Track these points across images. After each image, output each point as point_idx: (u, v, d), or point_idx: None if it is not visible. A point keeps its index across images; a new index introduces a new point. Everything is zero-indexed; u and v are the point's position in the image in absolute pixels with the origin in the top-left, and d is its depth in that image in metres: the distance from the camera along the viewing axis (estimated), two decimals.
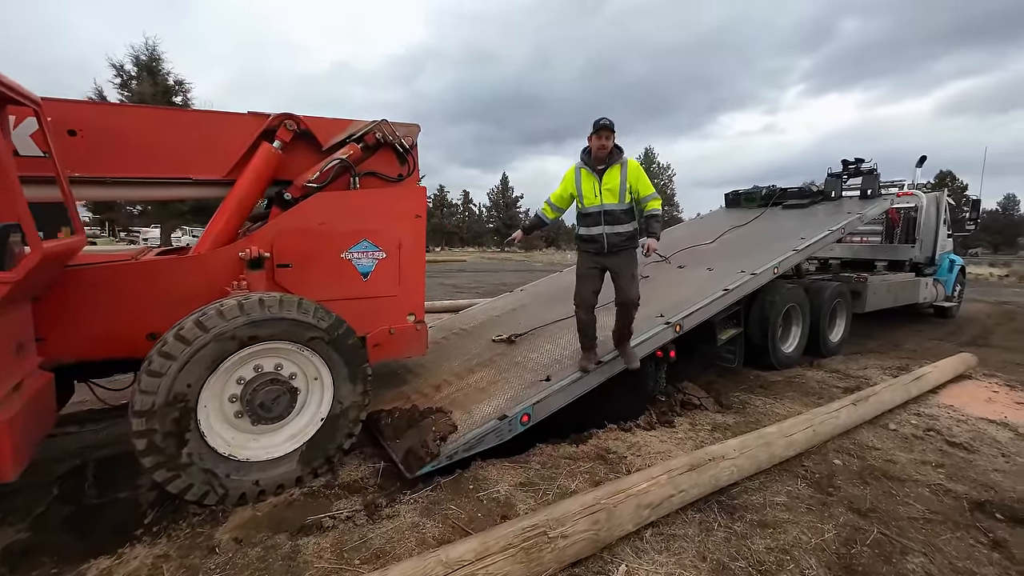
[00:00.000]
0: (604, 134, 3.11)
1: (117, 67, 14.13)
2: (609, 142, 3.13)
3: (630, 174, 3.19)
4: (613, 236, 3.24)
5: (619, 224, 3.23)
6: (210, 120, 3.02)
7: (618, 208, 3.21)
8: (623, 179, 3.17)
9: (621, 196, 3.19)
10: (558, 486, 2.68)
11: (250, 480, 2.48)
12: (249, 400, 2.50)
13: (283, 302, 2.52)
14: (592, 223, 3.29)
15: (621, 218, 3.23)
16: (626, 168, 3.19)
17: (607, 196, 3.20)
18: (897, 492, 2.69)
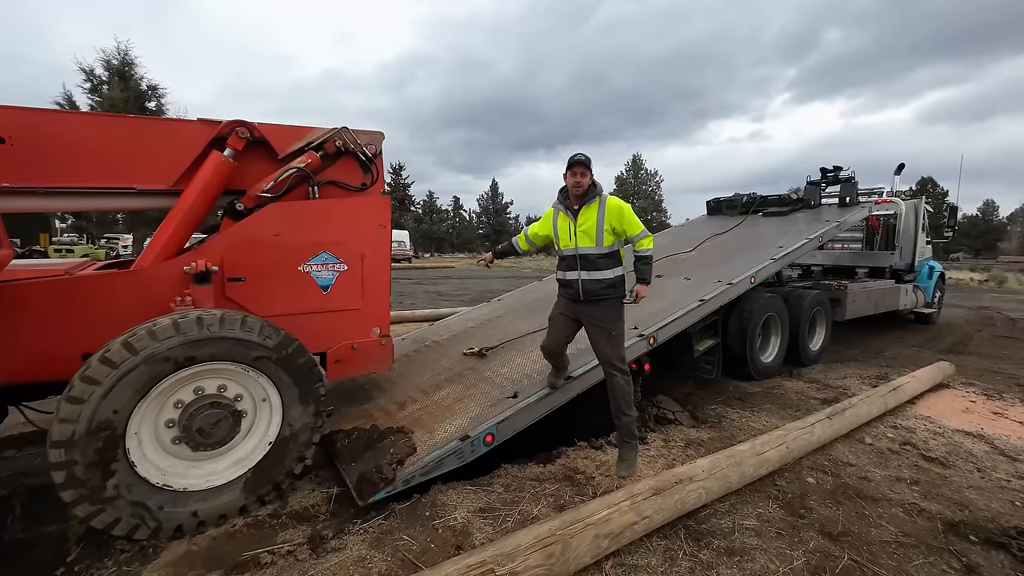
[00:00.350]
0: (579, 170, 2.78)
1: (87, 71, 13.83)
2: (585, 179, 2.79)
3: (609, 213, 2.79)
4: (590, 283, 2.85)
5: (597, 270, 2.84)
6: (154, 127, 2.88)
7: (594, 252, 2.82)
8: (600, 219, 2.79)
9: (598, 238, 2.80)
10: (520, 511, 2.55)
11: (187, 511, 2.32)
12: (186, 425, 2.34)
13: (224, 320, 2.37)
14: (567, 267, 2.96)
15: (599, 263, 2.83)
16: (604, 207, 2.80)
17: (582, 239, 2.84)
18: (870, 513, 2.60)
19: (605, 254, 2.84)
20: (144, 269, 2.72)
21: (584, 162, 2.80)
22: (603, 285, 2.85)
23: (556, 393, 3.23)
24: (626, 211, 2.84)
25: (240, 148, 2.99)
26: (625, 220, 2.83)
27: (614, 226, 2.82)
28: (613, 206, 2.81)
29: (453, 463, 2.77)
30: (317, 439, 2.74)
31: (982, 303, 13.22)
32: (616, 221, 2.81)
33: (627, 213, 2.84)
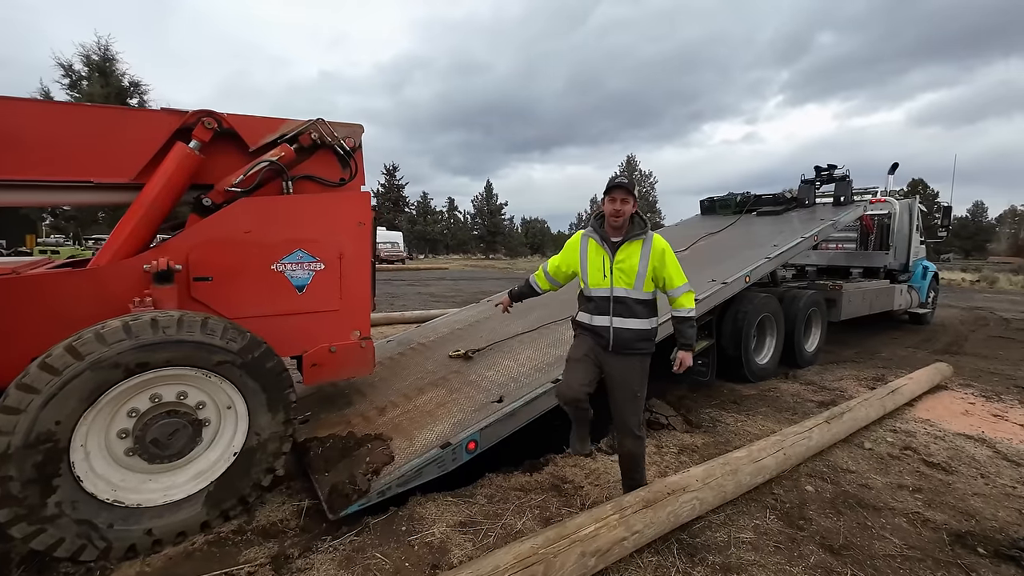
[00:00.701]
0: (619, 195, 2.32)
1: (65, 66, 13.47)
2: (626, 207, 2.32)
3: (654, 255, 2.35)
4: (624, 332, 2.37)
5: (633, 317, 2.37)
6: (114, 117, 2.69)
7: (632, 296, 2.36)
8: (644, 259, 2.35)
9: (639, 281, 2.35)
10: (503, 525, 2.39)
11: (141, 529, 2.14)
12: (140, 436, 2.17)
13: (182, 322, 2.20)
14: (596, 310, 2.43)
15: (636, 309, 2.37)
16: (650, 246, 2.36)
17: (619, 279, 2.37)
18: (872, 523, 2.47)
19: (643, 300, 2.39)
20: (100, 268, 2.54)
21: (626, 186, 2.33)
22: (638, 336, 2.37)
23: (543, 398, 3.08)
24: (669, 256, 2.38)
25: (207, 140, 2.81)
26: (669, 267, 2.37)
27: (656, 271, 2.38)
28: (659, 248, 2.37)
29: (433, 472, 2.61)
30: (287, 448, 2.57)
31: (974, 303, 13.23)
32: (659, 264, 2.37)
33: (672, 259, 2.39)
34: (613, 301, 2.39)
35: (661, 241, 2.41)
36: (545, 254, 59.76)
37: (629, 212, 2.37)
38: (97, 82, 13.30)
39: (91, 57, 13.60)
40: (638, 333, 2.39)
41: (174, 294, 2.59)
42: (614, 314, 2.39)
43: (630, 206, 2.36)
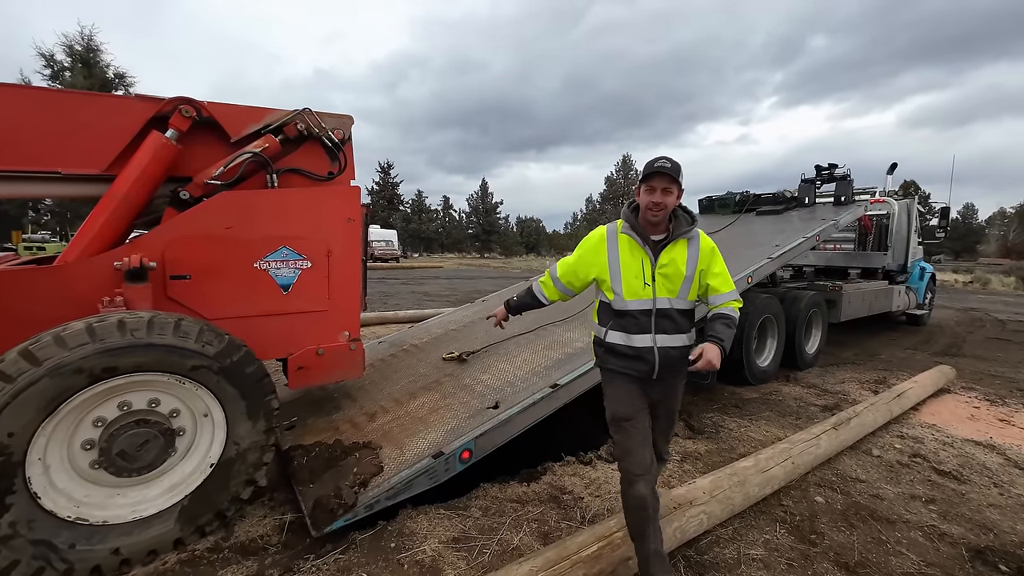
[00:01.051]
0: (662, 183, 1.85)
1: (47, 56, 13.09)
2: (669, 199, 1.87)
3: (703, 257, 1.94)
4: (671, 353, 1.93)
5: (679, 333, 1.94)
6: (83, 103, 2.51)
7: (677, 307, 1.93)
8: (692, 263, 1.92)
9: (683, 288, 1.92)
10: (499, 541, 2.25)
11: (107, 548, 1.98)
12: (105, 448, 2.00)
13: (153, 324, 2.03)
14: (635, 327, 1.93)
15: (681, 323, 1.95)
16: (697, 246, 1.95)
17: (662, 286, 1.90)
18: (887, 537, 2.35)
19: (687, 311, 1.98)
20: (67, 265, 2.36)
21: (669, 172, 1.84)
22: (683, 355, 1.93)
23: (541, 403, 2.93)
24: (718, 259, 1.98)
25: (185, 129, 2.64)
26: (714, 268, 1.95)
27: (702, 275, 1.95)
28: (707, 248, 1.97)
29: (424, 484, 2.46)
30: (269, 459, 2.41)
31: (969, 304, 13.25)
32: (707, 266, 1.95)
33: (719, 262, 1.98)
34: (656, 315, 1.90)
35: (709, 240, 2.00)
36: (540, 253, 59.67)
37: (671, 206, 1.89)
38: (80, 73, 12.94)
39: (74, 47, 13.26)
40: (683, 351, 1.95)
41: (148, 293, 2.42)
42: (657, 331, 1.91)
43: (674, 197, 1.88)
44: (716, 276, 1.96)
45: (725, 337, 1.88)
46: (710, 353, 1.79)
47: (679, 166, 1.89)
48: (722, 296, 1.95)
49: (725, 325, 1.90)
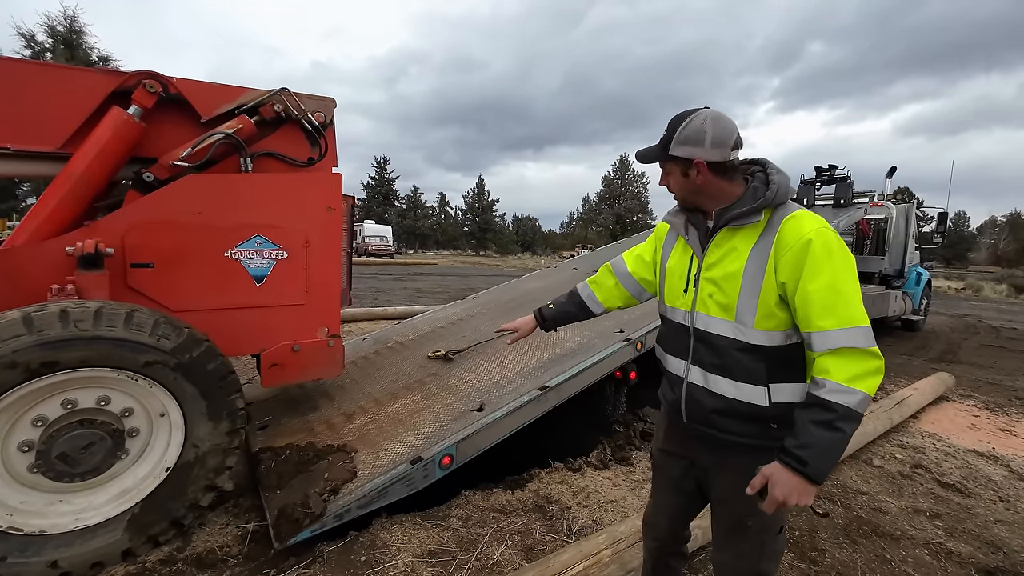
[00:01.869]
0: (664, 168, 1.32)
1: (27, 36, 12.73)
2: (670, 180, 1.32)
3: (782, 253, 1.17)
4: (704, 398, 1.30)
5: (726, 377, 1.26)
6: (33, 73, 2.31)
7: (729, 335, 1.25)
8: (756, 263, 1.21)
9: (743, 306, 1.22)
10: (479, 555, 2.09)
11: (43, 561, 1.79)
12: (43, 450, 1.81)
13: (100, 314, 1.85)
14: (671, 344, 1.43)
15: (736, 360, 1.24)
16: (773, 239, 1.19)
17: (706, 296, 1.29)
18: (892, 556, 2.21)
19: (754, 347, 1.22)
20: (13, 250, 2.17)
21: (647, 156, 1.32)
22: (731, 412, 1.26)
23: (529, 406, 2.77)
24: (823, 262, 1.12)
25: (149, 106, 2.45)
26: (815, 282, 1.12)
27: (785, 284, 1.16)
28: (797, 241, 1.15)
29: (401, 491, 2.29)
30: (232, 463, 2.23)
31: (962, 311, 13.26)
32: (791, 277, 1.15)
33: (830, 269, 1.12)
34: (694, 336, 1.32)
35: (811, 223, 1.17)
36: (535, 252, 59.55)
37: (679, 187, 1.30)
38: (62, 54, 12.59)
39: (56, 28, 12.91)
40: (733, 407, 1.25)
41: (104, 282, 2.23)
42: (694, 360, 1.33)
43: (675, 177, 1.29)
44: (815, 295, 1.11)
45: (816, 451, 1.06)
46: (777, 487, 1.08)
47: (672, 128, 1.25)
48: (829, 337, 1.09)
49: (821, 426, 1.06)
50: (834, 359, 1.08)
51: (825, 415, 1.06)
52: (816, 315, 1.11)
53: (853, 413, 1.05)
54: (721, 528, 1.39)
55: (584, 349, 3.31)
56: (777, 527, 1.31)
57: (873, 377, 1.08)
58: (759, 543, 1.30)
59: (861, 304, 1.11)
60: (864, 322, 1.10)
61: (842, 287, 1.11)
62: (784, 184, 1.24)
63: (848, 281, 1.12)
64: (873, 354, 1.08)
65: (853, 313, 1.09)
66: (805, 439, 1.07)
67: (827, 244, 1.13)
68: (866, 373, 1.07)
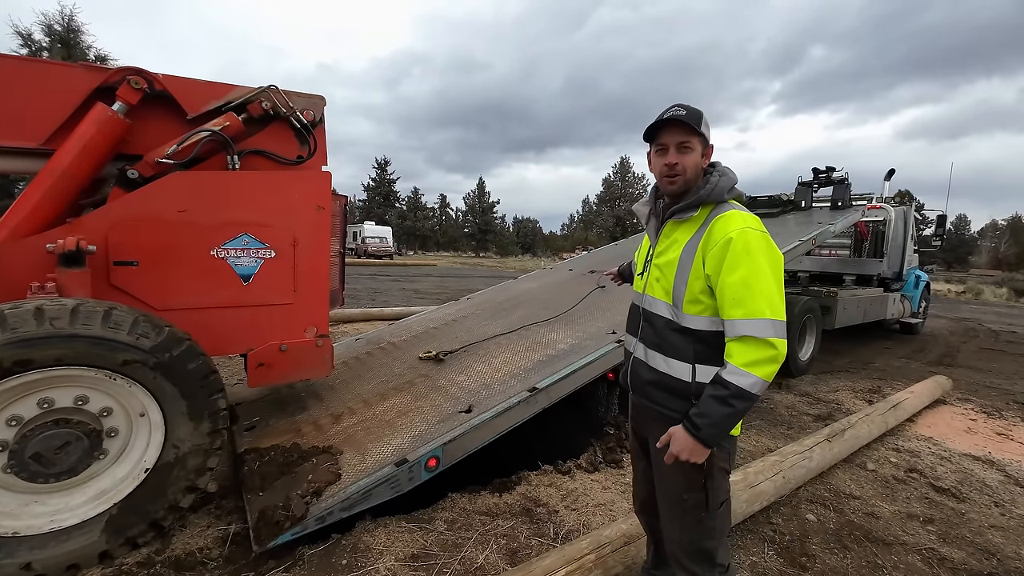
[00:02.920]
0: (676, 137, 1.37)
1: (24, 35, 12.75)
2: (686, 159, 1.37)
3: (710, 245, 1.31)
4: (642, 371, 1.49)
5: (661, 353, 1.43)
6: (17, 69, 2.29)
7: (665, 314, 1.42)
8: (689, 251, 1.36)
9: (677, 291, 1.37)
10: (462, 559, 2.05)
11: (16, 563, 1.76)
12: (17, 450, 1.78)
13: (77, 312, 1.82)
14: (630, 325, 1.62)
15: (671, 341, 1.41)
16: (703, 234, 1.34)
17: (653, 279, 1.46)
18: (884, 562, 2.17)
19: (686, 330, 1.37)
20: None
21: (684, 120, 1.33)
22: (662, 386, 1.41)
23: (518, 408, 2.74)
24: (742, 257, 1.25)
25: (134, 102, 2.43)
26: (732, 275, 1.26)
27: (709, 276, 1.31)
28: (722, 236, 1.29)
29: (385, 494, 2.26)
30: (214, 464, 2.20)
31: (961, 314, 13.20)
32: (715, 269, 1.29)
33: (745, 264, 1.25)
34: (643, 317, 1.51)
35: (736, 223, 1.29)
36: (536, 254, 59.54)
37: (696, 166, 1.37)
38: (59, 53, 12.57)
39: (53, 27, 12.92)
40: (664, 381, 1.40)
41: (86, 280, 2.20)
42: (641, 336, 1.51)
43: (692, 158, 1.36)
44: (729, 288, 1.24)
45: (709, 420, 1.23)
46: (675, 444, 1.28)
47: (700, 112, 1.36)
48: (735, 324, 1.23)
49: (717, 400, 1.22)
50: (737, 345, 1.25)
51: (721, 391, 1.24)
52: (728, 305, 1.27)
53: (745, 393, 1.22)
54: (664, 502, 1.50)
55: (576, 350, 3.28)
56: (715, 503, 1.41)
57: (767, 365, 1.22)
58: (697, 519, 1.42)
59: (773, 298, 1.25)
60: (769, 315, 1.23)
61: (754, 282, 1.24)
62: (721, 185, 1.39)
63: (761, 277, 1.25)
64: (770, 344, 1.22)
65: (759, 306, 1.23)
66: (703, 409, 1.27)
67: (747, 243, 1.27)
68: (761, 360, 1.22)
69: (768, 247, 1.29)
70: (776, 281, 1.27)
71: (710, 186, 1.38)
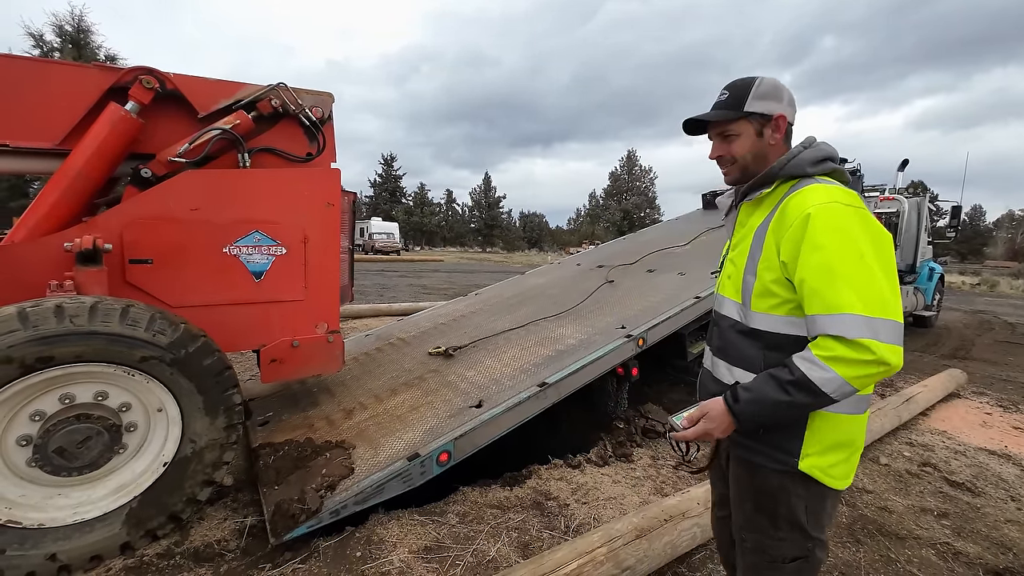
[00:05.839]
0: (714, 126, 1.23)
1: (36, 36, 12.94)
2: (734, 145, 1.20)
3: (783, 228, 1.08)
4: (710, 383, 1.30)
5: (726, 360, 1.23)
6: (32, 70, 2.32)
7: (732, 315, 1.23)
8: (759, 239, 1.15)
9: (744, 285, 1.18)
10: (474, 551, 2.07)
11: (42, 554, 1.81)
12: (40, 444, 1.83)
13: (96, 310, 1.86)
14: (708, 334, 1.41)
15: (740, 348, 1.19)
16: (777, 211, 1.12)
17: (725, 278, 1.29)
18: (897, 556, 2.16)
19: (752, 330, 1.16)
20: (12, 246, 2.19)
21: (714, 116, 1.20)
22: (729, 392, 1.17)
23: (528, 403, 2.75)
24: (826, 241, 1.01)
25: (147, 102, 2.45)
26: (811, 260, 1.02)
27: (786, 265, 1.07)
28: (798, 215, 1.05)
29: (397, 488, 2.28)
30: (229, 458, 2.24)
31: (976, 307, 13.00)
32: (791, 255, 1.06)
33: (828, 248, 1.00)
34: (713, 318, 1.34)
35: (817, 196, 1.06)
36: (542, 248, 59.46)
37: (745, 151, 1.19)
38: (69, 54, 12.74)
39: (64, 28, 13.07)
40: None
41: (103, 278, 2.24)
42: (709, 342, 1.35)
43: (744, 140, 1.19)
44: (809, 276, 1.01)
45: (752, 396, 1.05)
46: (706, 417, 1.10)
47: (746, 87, 1.17)
48: (816, 323, 1.01)
49: (773, 380, 1.03)
50: (830, 342, 0.98)
51: (782, 373, 1.03)
52: (806, 298, 1.02)
53: (812, 387, 0.98)
54: (735, 529, 1.30)
55: (585, 345, 3.28)
56: (779, 557, 1.16)
57: (857, 367, 0.95)
58: (752, 565, 1.21)
59: (868, 288, 0.97)
60: (861, 309, 0.95)
61: (839, 267, 0.98)
62: (803, 156, 1.14)
63: (848, 260, 0.98)
64: (862, 347, 0.94)
65: (844, 298, 0.96)
66: (753, 384, 1.07)
67: (830, 218, 1.01)
68: (850, 360, 0.95)
69: (864, 224, 1.01)
70: (879, 267, 0.99)
71: (785, 157, 1.14)
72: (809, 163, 1.14)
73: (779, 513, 1.14)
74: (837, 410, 1.07)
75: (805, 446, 1.09)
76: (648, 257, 5.34)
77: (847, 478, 1.13)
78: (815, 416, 1.08)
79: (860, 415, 1.12)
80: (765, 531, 1.17)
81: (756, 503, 1.17)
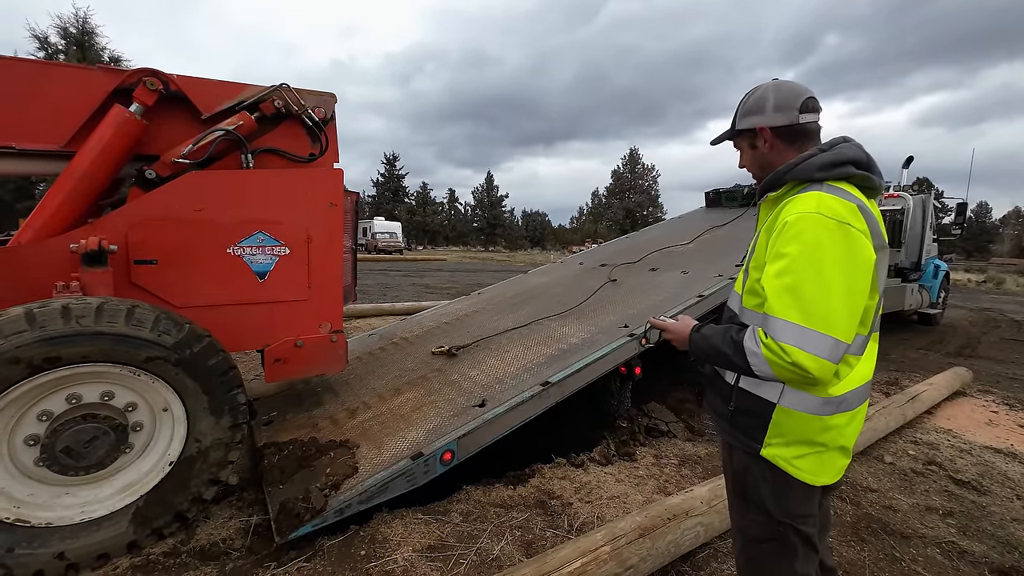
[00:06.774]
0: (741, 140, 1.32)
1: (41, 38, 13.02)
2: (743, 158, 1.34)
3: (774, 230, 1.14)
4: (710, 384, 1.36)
5: None
6: (36, 72, 2.34)
7: (733, 308, 1.32)
8: (757, 236, 1.26)
9: (742, 282, 1.29)
10: (478, 550, 2.08)
11: (50, 552, 1.83)
12: (48, 444, 1.84)
13: (102, 310, 1.87)
14: None
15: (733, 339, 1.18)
16: (772, 214, 1.21)
17: (741, 274, 1.33)
18: (902, 555, 2.16)
19: (743, 326, 1.20)
20: (19, 247, 2.21)
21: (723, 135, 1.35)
22: (712, 381, 1.33)
23: (531, 402, 2.75)
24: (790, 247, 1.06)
25: (150, 103, 2.46)
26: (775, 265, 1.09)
27: (765, 264, 1.15)
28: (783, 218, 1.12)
29: (401, 487, 2.29)
30: (235, 457, 2.25)
31: (982, 304, 12.91)
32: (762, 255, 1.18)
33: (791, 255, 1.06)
34: (724, 312, 1.41)
35: (804, 204, 1.08)
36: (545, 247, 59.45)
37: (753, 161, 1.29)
38: (74, 55, 12.82)
39: (68, 29, 13.14)
40: (714, 378, 1.31)
41: (108, 278, 2.25)
42: None
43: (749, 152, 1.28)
44: (767, 279, 1.09)
45: (704, 336, 1.23)
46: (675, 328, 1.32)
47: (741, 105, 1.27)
48: (764, 317, 1.08)
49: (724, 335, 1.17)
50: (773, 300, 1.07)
51: (733, 331, 1.16)
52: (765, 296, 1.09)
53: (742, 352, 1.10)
54: (731, 514, 1.39)
55: (588, 344, 3.28)
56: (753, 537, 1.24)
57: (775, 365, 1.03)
58: (739, 545, 1.31)
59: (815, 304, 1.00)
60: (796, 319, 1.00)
61: (792, 276, 1.03)
62: (814, 160, 1.14)
63: (804, 273, 1.02)
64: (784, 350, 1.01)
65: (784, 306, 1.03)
66: (714, 329, 1.25)
67: (802, 230, 1.04)
68: (771, 356, 1.04)
69: (837, 240, 1.01)
70: (839, 284, 1.00)
71: (792, 162, 1.16)
72: (817, 168, 1.13)
73: (748, 495, 1.24)
74: (796, 407, 1.13)
75: (768, 436, 1.17)
76: (651, 256, 5.33)
77: (821, 474, 1.15)
78: (777, 411, 1.15)
79: (826, 416, 1.13)
80: (740, 511, 1.29)
81: (733, 483, 1.31)
